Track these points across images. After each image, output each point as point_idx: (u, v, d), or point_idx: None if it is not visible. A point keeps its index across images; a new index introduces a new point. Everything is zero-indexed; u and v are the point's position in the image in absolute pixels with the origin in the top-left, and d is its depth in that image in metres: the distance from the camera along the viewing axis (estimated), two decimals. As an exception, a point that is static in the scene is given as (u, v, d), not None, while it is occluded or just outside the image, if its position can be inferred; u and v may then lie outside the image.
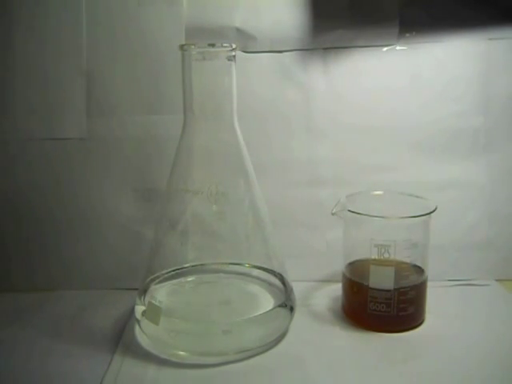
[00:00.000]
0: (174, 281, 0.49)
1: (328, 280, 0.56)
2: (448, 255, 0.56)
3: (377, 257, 0.46)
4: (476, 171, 0.56)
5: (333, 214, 0.48)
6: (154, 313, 0.43)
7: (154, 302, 0.44)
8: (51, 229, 0.56)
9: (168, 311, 0.43)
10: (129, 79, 0.55)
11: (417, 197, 0.49)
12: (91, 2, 0.54)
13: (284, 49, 0.55)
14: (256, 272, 0.50)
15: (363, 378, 0.41)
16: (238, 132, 0.46)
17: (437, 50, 0.55)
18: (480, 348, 0.44)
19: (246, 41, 0.55)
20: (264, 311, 0.44)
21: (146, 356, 0.43)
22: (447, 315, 0.49)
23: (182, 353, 0.43)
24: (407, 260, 0.47)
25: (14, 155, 0.56)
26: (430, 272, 0.48)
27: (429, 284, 0.48)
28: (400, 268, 0.46)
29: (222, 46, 0.43)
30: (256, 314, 0.43)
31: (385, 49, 0.55)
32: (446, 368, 0.41)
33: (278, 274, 0.48)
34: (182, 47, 0.43)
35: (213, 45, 0.43)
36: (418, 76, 0.55)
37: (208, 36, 0.54)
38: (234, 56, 0.44)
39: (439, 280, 0.54)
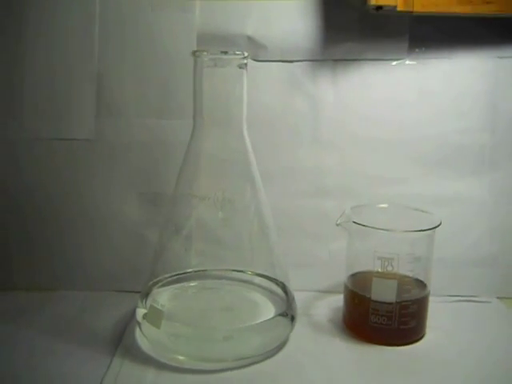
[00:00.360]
0: (177, 285, 0.49)
1: (330, 291, 0.56)
2: (450, 270, 0.56)
3: (380, 269, 0.46)
4: (480, 187, 0.57)
5: (337, 225, 0.48)
6: (155, 316, 0.43)
7: (155, 305, 0.44)
8: (55, 229, 0.56)
9: (169, 315, 0.43)
10: (138, 83, 0.55)
11: (422, 211, 0.49)
12: (104, 5, 0.54)
13: (294, 59, 0.55)
14: (258, 280, 0.50)
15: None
16: (247, 140, 0.46)
17: (445, 66, 0.55)
18: (479, 364, 0.44)
19: (256, 49, 0.55)
20: (265, 319, 0.44)
21: (146, 359, 0.43)
22: (448, 331, 0.49)
23: (181, 357, 0.43)
24: (410, 274, 0.47)
25: (21, 155, 0.56)
26: (432, 287, 0.48)
27: (430, 299, 0.48)
28: (402, 281, 0.46)
29: (235, 54, 0.43)
30: (257, 322, 0.43)
31: (394, 63, 0.55)
32: (446, 382, 0.41)
33: (281, 282, 0.48)
34: (194, 53, 0.44)
35: (225, 52, 0.43)
36: (425, 91, 0.56)
37: (219, 43, 0.54)
38: (246, 64, 0.44)
39: (440, 295, 0.54)
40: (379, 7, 0.49)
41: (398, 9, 0.49)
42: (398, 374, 0.43)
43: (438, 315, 0.50)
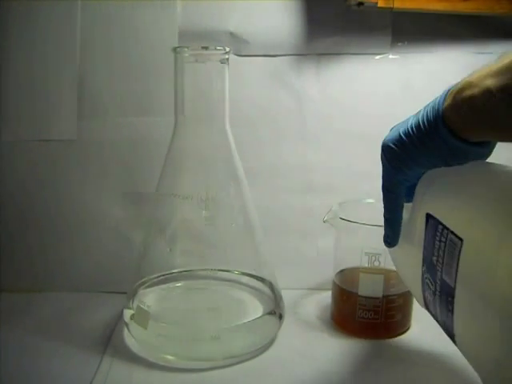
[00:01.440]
0: (163, 286, 0.49)
1: (318, 288, 0.56)
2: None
3: (367, 265, 0.46)
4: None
5: (324, 222, 0.48)
6: (142, 317, 0.43)
7: (142, 306, 0.44)
8: (39, 230, 0.56)
9: (156, 316, 0.43)
10: (120, 82, 0.55)
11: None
12: (86, 4, 0.54)
13: (277, 53, 0.55)
14: (245, 279, 0.49)
15: (350, 383, 0.41)
16: (230, 136, 0.45)
17: (427, 60, 0.55)
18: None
19: (239, 45, 0.55)
20: (252, 318, 0.44)
21: (135, 359, 0.43)
22: (432, 323, 0.49)
23: (170, 357, 0.42)
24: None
25: (3, 157, 0.55)
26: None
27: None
28: (389, 276, 0.46)
29: (216, 49, 0.43)
30: (244, 321, 0.43)
31: (377, 57, 0.55)
32: (432, 372, 0.42)
33: (268, 281, 0.48)
34: (175, 49, 0.43)
35: (206, 47, 0.43)
36: (408, 84, 0.56)
37: (201, 40, 0.54)
38: (228, 59, 0.44)
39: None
40: (360, 3, 0.50)
41: (379, 5, 0.49)
42: (386, 365, 0.43)
43: (422, 308, 0.50)
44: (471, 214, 0.30)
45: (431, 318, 0.50)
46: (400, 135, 0.34)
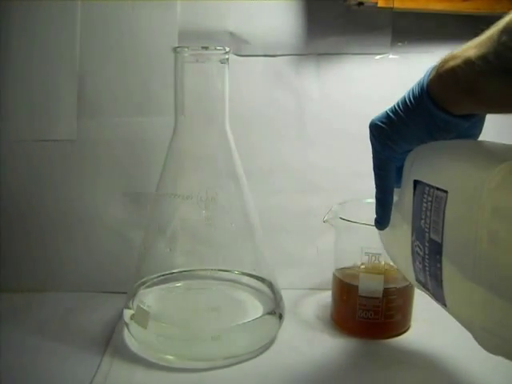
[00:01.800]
0: (163, 286, 0.48)
1: (318, 288, 0.56)
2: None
3: (367, 265, 0.46)
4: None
5: (324, 222, 0.48)
6: (142, 317, 0.43)
7: (142, 306, 0.44)
8: (38, 230, 0.56)
9: (156, 316, 0.43)
10: (120, 81, 0.55)
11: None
12: (86, 5, 0.54)
13: (277, 53, 0.55)
14: (245, 279, 0.49)
15: (350, 383, 0.41)
16: (230, 136, 0.45)
17: (428, 60, 0.55)
18: (464, 354, 0.44)
19: (239, 45, 0.55)
20: (252, 318, 0.44)
21: (135, 359, 0.43)
22: (432, 322, 0.50)
23: (170, 357, 0.42)
24: (396, 268, 0.47)
25: (2, 156, 0.55)
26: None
27: (415, 291, 0.48)
28: (389, 276, 0.46)
29: (216, 49, 0.43)
30: (244, 321, 0.43)
31: (377, 57, 0.56)
32: (431, 372, 0.42)
33: (268, 281, 0.48)
34: (175, 49, 0.43)
35: (206, 47, 0.43)
36: (409, 84, 0.55)
37: (201, 40, 0.54)
38: (227, 59, 0.44)
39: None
40: (360, 3, 0.50)
41: (379, 5, 0.49)
42: (385, 366, 0.43)
43: (422, 308, 0.50)
44: (454, 168, 0.31)
45: (431, 318, 0.50)
46: (387, 113, 0.35)
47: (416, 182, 0.34)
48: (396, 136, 0.35)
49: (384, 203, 0.39)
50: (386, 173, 0.38)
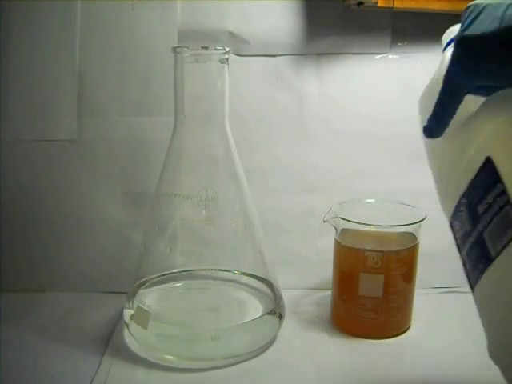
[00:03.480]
0: (163, 286, 0.48)
1: (318, 288, 0.56)
2: (434, 263, 0.56)
3: (367, 265, 0.46)
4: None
5: (324, 222, 0.48)
6: (142, 317, 0.43)
7: (142, 306, 0.44)
8: (39, 230, 0.56)
9: (156, 316, 0.43)
10: (120, 82, 0.55)
11: (407, 205, 0.49)
12: (86, 5, 0.54)
13: (277, 53, 0.55)
14: (245, 279, 0.49)
15: (350, 383, 0.41)
16: (230, 136, 0.45)
17: (427, 60, 0.55)
18: (464, 354, 0.44)
19: (239, 44, 0.55)
20: (252, 318, 0.44)
21: (135, 359, 0.43)
22: (432, 322, 0.50)
23: (170, 357, 0.42)
24: (396, 268, 0.47)
25: (2, 156, 0.55)
26: (417, 279, 0.48)
27: (416, 291, 0.48)
28: (389, 276, 0.46)
29: (215, 49, 0.43)
30: (244, 321, 0.43)
31: (377, 56, 0.56)
32: (431, 372, 0.42)
33: (268, 281, 0.48)
34: (174, 49, 0.43)
35: (206, 47, 0.43)
36: (408, 84, 0.56)
37: (201, 40, 0.54)
38: (227, 59, 0.44)
39: (425, 287, 0.54)
40: (360, 3, 0.50)
41: (379, 5, 0.49)
42: (385, 365, 0.43)
43: (422, 307, 0.50)
44: None
45: (431, 318, 0.50)
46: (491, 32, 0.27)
47: (488, 161, 0.28)
48: (488, 72, 0.28)
49: (442, 117, 0.32)
50: (456, 94, 0.31)
